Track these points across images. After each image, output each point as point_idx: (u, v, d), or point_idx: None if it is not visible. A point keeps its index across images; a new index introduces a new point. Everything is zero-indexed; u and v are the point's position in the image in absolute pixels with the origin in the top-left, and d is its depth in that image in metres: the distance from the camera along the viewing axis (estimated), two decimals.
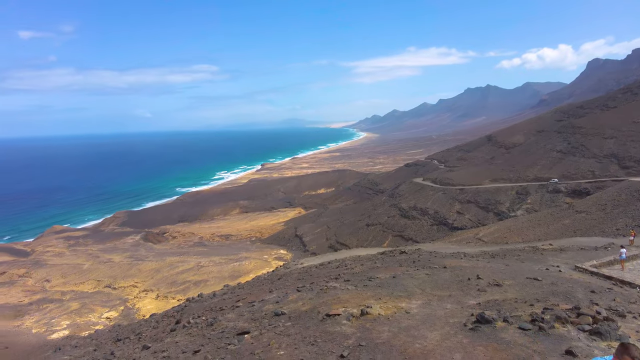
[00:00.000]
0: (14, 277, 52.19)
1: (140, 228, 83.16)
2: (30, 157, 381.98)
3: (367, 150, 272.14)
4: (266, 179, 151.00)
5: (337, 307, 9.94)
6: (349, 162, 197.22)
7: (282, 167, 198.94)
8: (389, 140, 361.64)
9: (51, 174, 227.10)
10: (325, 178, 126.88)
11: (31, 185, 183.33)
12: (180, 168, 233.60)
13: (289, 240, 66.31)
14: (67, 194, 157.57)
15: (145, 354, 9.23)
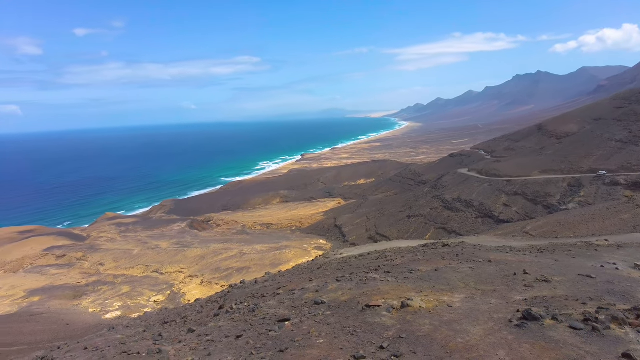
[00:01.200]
0: (73, 260, 55.93)
1: (186, 216, 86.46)
2: (87, 149, 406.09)
3: (409, 140, 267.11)
4: (306, 169, 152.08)
5: (377, 298, 9.88)
6: (390, 153, 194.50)
7: (322, 158, 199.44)
8: (432, 129, 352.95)
9: (105, 164, 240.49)
10: (365, 168, 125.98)
11: (88, 174, 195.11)
12: (224, 158, 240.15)
13: (329, 230, 66.62)
14: (119, 183, 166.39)
15: (191, 337, 9.61)
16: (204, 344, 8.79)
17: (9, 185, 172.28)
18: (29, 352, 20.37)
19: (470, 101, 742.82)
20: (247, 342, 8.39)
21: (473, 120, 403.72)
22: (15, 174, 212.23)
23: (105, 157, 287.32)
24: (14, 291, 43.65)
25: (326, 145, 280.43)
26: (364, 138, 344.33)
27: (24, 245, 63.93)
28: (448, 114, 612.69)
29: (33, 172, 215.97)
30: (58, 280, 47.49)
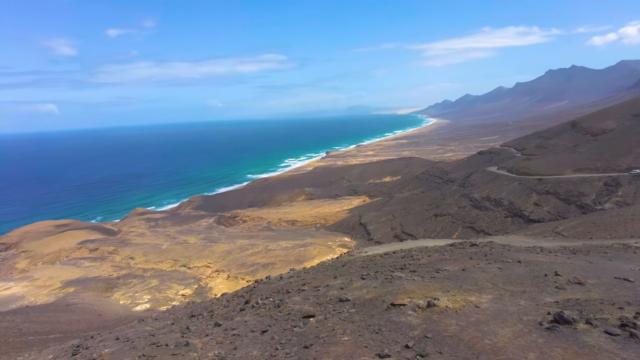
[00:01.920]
0: (105, 254, 57.93)
1: (213, 212, 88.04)
2: (118, 145, 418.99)
3: (436, 137, 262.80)
4: (331, 167, 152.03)
5: (402, 297, 9.79)
6: (417, 150, 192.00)
7: (347, 155, 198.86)
8: (461, 126, 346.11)
9: (136, 160, 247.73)
10: (391, 166, 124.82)
11: (119, 170, 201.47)
12: (250, 155, 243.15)
13: (353, 228, 66.40)
14: (149, 179, 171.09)
15: (217, 331, 9.79)
16: (230, 338, 8.94)
17: (46, 180, 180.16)
18: (65, 340, 21.25)
19: (500, 97, 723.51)
20: (272, 337, 8.48)
21: (503, 117, 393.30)
22: (52, 170, 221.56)
23: (136, 154, 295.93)
24: (52, 282, 45.61)
25: (351, 143, 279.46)
26: (390, 135, 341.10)
27: (60, 239, 66.68)
28: (477, 111, 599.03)
29: (68, 168, 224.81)
30: (91, 272, 49.31)
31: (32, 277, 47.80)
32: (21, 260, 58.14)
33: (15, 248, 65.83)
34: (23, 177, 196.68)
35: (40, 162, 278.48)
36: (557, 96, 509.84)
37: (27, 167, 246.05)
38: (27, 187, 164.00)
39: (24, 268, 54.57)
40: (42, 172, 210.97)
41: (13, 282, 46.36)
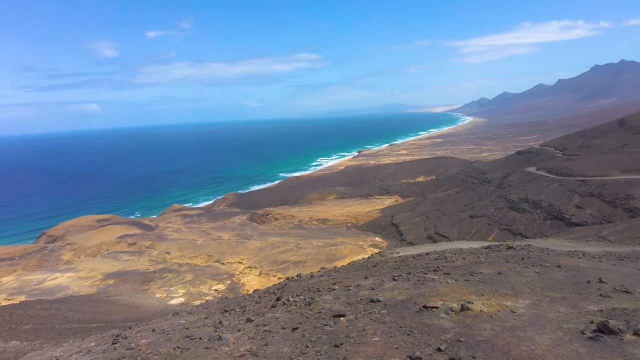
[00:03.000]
0: (142, 248, 60.08)
1: (246, 209, 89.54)
2: (156, 144, 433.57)
3: (472, 136, 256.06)
4: (362, 166, 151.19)
5: (435, 299, 9.61)
6: (452, 149, 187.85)
7: (379, 154, 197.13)
8: (498, 125, 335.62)
9: (173, 158, 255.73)
10: (425, 165, 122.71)
11: (157, 168, 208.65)
12: (282, 154, 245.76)
13: (385, 228, 65.75)
14: (185, 177, 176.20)
15: (249, 326, 9.95)
16: (261, 333, 9.07)
17: (90, 177, 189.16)
18: (105, 329, 22.22)
19: (541, 95, 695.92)
20: (302, 335, 8.53)
21: (543, 116, 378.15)
22: (95, 167, 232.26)
23: (174, 152, 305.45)
24: (93, 274, 47.80)
25: (384, 141, 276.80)
26: (424, 134, 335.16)
27: (101, 233, 69.75)
28: (515, 109, 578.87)
29: (110, 165, 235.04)
30: (129, 266, 51.28)
31: (75, 269, 50.26)
32: (66, 252, 61.24)
33: (61, 240, 69.43)
34: (69, 173, 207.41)
35: (85, 159, 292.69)
36: (604, 93, 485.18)
37: (73, 164, 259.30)
38: (72, 183, 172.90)
39: (68, 260, 57.44)
40: (86, 169, 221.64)
41: (59, 272, 48.90)
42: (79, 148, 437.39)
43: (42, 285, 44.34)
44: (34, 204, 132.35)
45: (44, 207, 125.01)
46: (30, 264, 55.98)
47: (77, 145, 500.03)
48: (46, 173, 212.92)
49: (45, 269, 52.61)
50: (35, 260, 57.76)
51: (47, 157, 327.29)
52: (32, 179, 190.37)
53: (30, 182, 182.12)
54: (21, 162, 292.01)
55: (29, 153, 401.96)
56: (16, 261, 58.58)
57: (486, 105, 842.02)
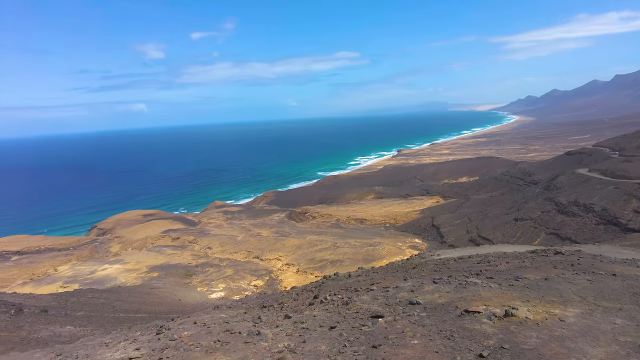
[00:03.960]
0: (185, 243, 62.17)
1: (285, 207, 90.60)
2: (201, 142, 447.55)
3: (518, 135, 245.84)
4: (402, 165, 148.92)
5: (477, 304, 9.29)
6: (497, 149, 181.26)
7: (420, 154, 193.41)
8: (547, 124, 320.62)
9: (215, 157, 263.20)
10: (468, 165, 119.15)
11: (200, 166, 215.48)
12: (321, 153, 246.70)
13: (425, 229, 64.41)
14: (227, 175, 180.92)
15: (287, 323, 10.04)
16: (299, 331, 9.12)
17: (137, 173, 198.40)
18: (149, 320, 23.20)
19: (595, 92, 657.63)
20: (340, 334, 8.50)
21: (597, 114, 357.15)
22: (143, 163, 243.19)
23: (215, 151, 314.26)
24: (139, 266, 50.01)
25: (425, 141, 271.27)
26: (467, 133, 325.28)
27: (146, 227, 72.85)
28: (566, 107, 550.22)
29: (156, 162, 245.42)
30: (173, 259, 53.22)
31: (123, 261, 52.77)
32: (114, 245, 64.45)
33: (110, 233, 73.16)
34: (118, 170, 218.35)
35: (132, 156, 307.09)
36: None
37: (122, 161, 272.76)
38: (121, 179, 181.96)
39: (116, 252, 60.41)
40: (133, 166, 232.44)
41: (108, 264, 51.54)
42: (127, 146, 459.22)
43: (93, 275, 46.93)
44: (86, 198, 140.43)
45: (95, 202, 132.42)
46: (83, 255, 59.40)
47: (125, 143, 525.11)
48: (97, 170, 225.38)
49: (96, 260, 55.65)
50: (87, 252, 61.23)
51: (98, 155, 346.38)
52: (85, 175, 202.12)
53: (83, 178, 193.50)
54: (75, 160, 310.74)
55: (82, 151, 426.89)
56: (71, 252, 62.38)
57: (534, 104, 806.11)
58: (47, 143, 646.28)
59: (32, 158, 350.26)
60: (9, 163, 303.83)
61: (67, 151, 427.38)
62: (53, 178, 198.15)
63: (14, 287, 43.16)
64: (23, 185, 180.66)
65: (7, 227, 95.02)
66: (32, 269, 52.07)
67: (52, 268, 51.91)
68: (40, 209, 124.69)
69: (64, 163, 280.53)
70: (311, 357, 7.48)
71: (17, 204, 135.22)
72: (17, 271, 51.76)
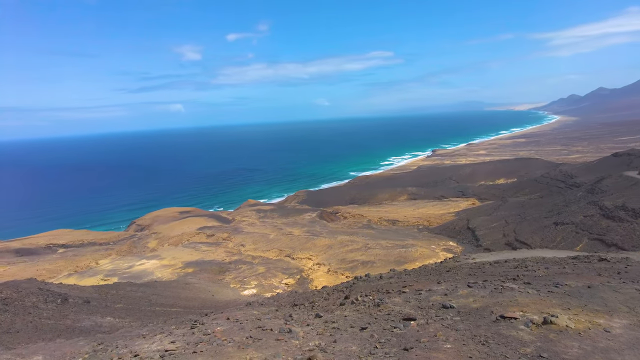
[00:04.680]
0: (219, 240, 63.52)
1: (316, 206, 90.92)
2: (235, 141, 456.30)
3: (560, 136, 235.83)
4: (437, 166, 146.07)
5: (513, 309, 8.98)
6: (537, 150, 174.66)
7: (455, 154, 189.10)
8: (591, 124, 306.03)
9: (248, 156, 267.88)
10: (506, 167, 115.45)
11: (234, 165, 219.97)
12: (352, 153, 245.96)
13: (460, 232, 62.91)
14: (260, 174, 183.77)
15: (318, 322, 10.06)
16: (330, 330, 9.12)
17: (174, 172, 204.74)
18: (184, 314, 23.87)
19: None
20: (371, 335, 8.44)
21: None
22: (179, 162, 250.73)
23: (248, 150, 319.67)
24: (175, 261, 51.53)
25: (461, 141, 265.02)
26: (505, 133, 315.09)
27: (182, 224, 74.98)
28: (613, 106, 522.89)
29: (192, 161, 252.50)
30: (207, 256, 54.48)
31: (159, 256, 54.53)
32: (152, 241, 66.72)
33: (148, 229, 75.81)
34: (156, 168, 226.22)
35: (171, 155, 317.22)
36: None
37: (159, 160, 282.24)
38: (159, 177, 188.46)
39: (153, 247, 62.51)
40: (170, 165, 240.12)
41: (145, 259, 53.41)
42: (165, 145, 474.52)
43: (132, 269, 48.77)
44: (126, 195, 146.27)
45: (134, 199, 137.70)
46: (122, 250, 61.87)
47: (163, 142, 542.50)
48: (137, 168, 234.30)
49: (134, 255, 57.82)
50: (126, 247, 63.70)
51: (138, 153, 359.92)
52: (125, 173, 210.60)
53: (122, 176, 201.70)
54: (115, 158, 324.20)
55: (122, 149, 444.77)
56: (111, 246, 65.11)
57: (577, 103, 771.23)
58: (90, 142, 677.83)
59: (76, 157, 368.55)
60: (55, 162, 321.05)
61: (108, 150, 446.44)
62: (95, 176, 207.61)
63: (59, 278, 45.50)
64: (68, 183, 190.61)
65: (53, 222, 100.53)
66: (76, 262, 54.75)
67: (94, 261, 54.37)
68: (83, 206, 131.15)
69: (105, 161, 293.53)
70: (342, 357, 7.45)
71: (62, 201, 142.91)
72: (62, 263, 54.59)
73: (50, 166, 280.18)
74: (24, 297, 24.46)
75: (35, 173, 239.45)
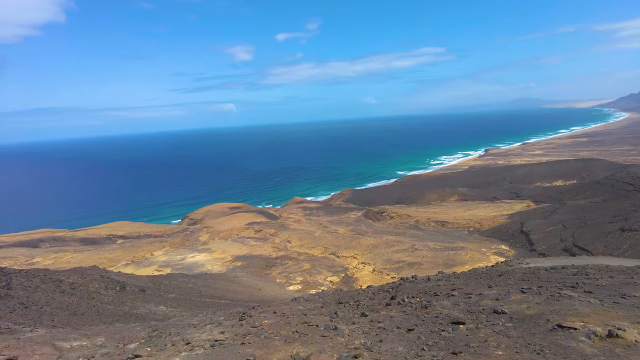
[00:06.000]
0: (267, 235, 64.85)
1: (362, 205, 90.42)
2: (282, 140, 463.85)
3: (628, 135, 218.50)
4: (489, 166, 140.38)
5: (572, 319, 8.43)
6: (600, 150, 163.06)
7: (510, 154, 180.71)
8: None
9: (295, 154, 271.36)
10: (565, 168, 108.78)
11: (281, 163, 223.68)
12: (400, 151, 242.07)
13: (513, 235, 60.12)
14: (307, 172, 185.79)
15: (363, 321, 9.99)
16: (375, 330, 9.03)
17: (226, 169, 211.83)
18: (232, 306, 24.61)
19: None
20: (418, 337, 8.26)
21: None
22: (232, 159, 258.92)
23: (295, 148, 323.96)
24: (224, 255, 53.25)
25: (515, 140, 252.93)
26: (564, 132, 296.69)
27: (232, 219, 77.29)
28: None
29: (243, 158, 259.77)
30: (255, 250, 55.82)
31: (210, 250, 56.57)
32: (203, 234, 69.33)
33: (200, 223, 78.87)
34: (209, 165, 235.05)
35: (222, 152, 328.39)
36: None
37: (212, 157, 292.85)
38: (211, 174, 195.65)
39: (205, 241, 64.92)
40: (223, 162, 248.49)
41: (197, 252, 55.61)
42: (217, 143, 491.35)
43: (184, 261, 50.99)
44: (180, 191, 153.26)
45: (187, 194, 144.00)
46: (175, 242, 64.84)
47: (216, 140, 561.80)
48: (190, 165, 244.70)
49: (186, 247, 60.40)
50: (179, 239, 66.68)
51: (192, 151, 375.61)
52: (179, 170, 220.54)
53: (177, 172, 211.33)
54: (171, 156, 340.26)
55: (177, 147, 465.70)
56: (165, 239, 68.44)
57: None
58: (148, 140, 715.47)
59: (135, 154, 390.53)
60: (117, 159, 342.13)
61: (165, 148, 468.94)
62: (152, 173, 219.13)
63: (118, 266, 48.52)
64: (127, 179, 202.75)
65: (113, 215, 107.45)
66: (133, 252, 58.08)
67: (149, 252, 57.41)
68: (140, 200, 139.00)
69: (161, 159, 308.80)
70: (388, 357, 7.36)
71: (122, 195, 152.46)
72: (121, 253, 58.13)
73: (111, 163, 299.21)
74: (88, 282, 26.32)
75: (98, 169, 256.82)
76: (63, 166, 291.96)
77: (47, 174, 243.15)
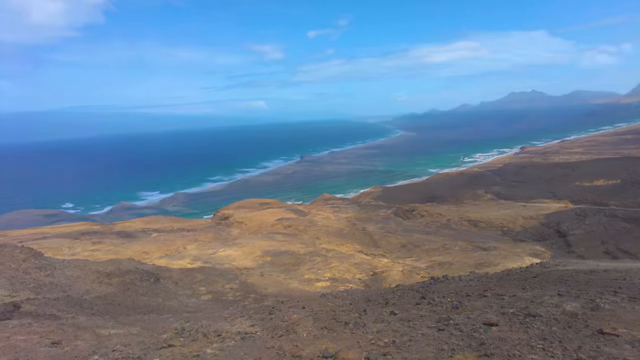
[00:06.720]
0: (296, 231, 65.32)
1: (391, 203, 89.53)
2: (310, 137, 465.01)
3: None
4: (525, 164, 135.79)
5: (614, 325, 8.05)
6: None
7: (547, 151, 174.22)
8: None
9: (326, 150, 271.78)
10: (607, 166, 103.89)
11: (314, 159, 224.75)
12: (432, 150, 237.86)
13: (548, 236, 58.03)
14: (335, 169, 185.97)
15: (393, 319, 9.91)
16: (405, 328, 8.94)
17: (254, 166, 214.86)
18: (261, 300, 25.00)
19: None
20: (449, 337, 8.12)
21: None
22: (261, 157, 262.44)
23: (324, 145, 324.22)
24: (254, 250, 54.00)
25: (553, 137, 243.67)
26: (607, 129, 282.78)
27: (262, 215, 78.28)
28: None
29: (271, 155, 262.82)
30: (284, 246, 56.31)
31: (240, 244, 57.51)
32: (234, 229, 70.57)
33: (231, 219, 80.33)
34: (241, 162, 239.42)
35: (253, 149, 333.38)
36: None
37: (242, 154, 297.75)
38: (242, 170, 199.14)
39: (235, 236, 66.08)
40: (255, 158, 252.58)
41: (227, 246, 56.68)
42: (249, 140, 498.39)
43: (215, 255, 52.09)
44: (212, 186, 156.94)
45: (220, 189, 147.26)
46: (207, 237, 66.32)
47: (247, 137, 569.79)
48: (222, 161, 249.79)
49: (217, 242, 61.68)
50: (211, 234, 68.17)
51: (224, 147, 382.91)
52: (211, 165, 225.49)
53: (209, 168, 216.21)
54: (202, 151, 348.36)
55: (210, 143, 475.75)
56: (197, 233, 70.16)
57: None
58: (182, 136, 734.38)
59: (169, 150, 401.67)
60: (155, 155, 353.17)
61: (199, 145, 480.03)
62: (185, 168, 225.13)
63: (152, 259, 50.12)
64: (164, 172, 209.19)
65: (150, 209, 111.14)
66: (167, 246, 59.87)
67: (182, 246, 59.01)
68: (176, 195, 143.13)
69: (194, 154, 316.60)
70: (417, 357, 7.27)
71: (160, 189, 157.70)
72: (155, 246, 60.03)
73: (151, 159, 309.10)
74: (124, 274, 27.35)
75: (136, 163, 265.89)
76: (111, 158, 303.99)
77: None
